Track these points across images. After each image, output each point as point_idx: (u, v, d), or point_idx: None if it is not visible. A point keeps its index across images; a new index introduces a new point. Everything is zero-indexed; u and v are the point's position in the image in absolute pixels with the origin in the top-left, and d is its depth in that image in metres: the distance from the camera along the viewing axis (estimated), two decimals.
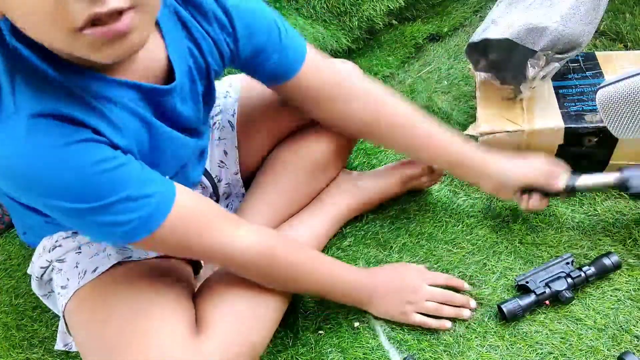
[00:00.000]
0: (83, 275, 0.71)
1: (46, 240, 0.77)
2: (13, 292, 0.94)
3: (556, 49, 0.88)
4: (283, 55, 0.74)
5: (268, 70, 0.75)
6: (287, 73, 0.76)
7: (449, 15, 1.41)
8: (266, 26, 0.72)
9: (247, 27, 0.71)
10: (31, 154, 0.52)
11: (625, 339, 0.75)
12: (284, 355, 0.79)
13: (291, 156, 0.88)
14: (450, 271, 0.86)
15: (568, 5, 0.88)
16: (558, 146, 0.91)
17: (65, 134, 0.53)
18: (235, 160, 0.88)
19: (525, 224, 0.92)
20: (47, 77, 0.53)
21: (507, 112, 0.94)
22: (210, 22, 0.68)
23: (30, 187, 0.55)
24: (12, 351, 0.85)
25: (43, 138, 0.52)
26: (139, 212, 0.58)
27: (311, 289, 0.79)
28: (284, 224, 0.87)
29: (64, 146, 0.53)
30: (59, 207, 0.56)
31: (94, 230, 0.60)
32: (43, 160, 0.53)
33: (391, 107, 0.83)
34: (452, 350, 0.77)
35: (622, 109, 0.72)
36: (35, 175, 0.53)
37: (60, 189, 0.55)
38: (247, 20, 0.70)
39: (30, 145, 0.52)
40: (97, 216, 0.57)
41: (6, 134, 0.52)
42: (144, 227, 0.59)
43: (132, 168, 0.59)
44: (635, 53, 1.01)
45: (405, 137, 0.84)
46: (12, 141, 0.52)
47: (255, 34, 0.72)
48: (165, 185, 0.62)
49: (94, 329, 0.68)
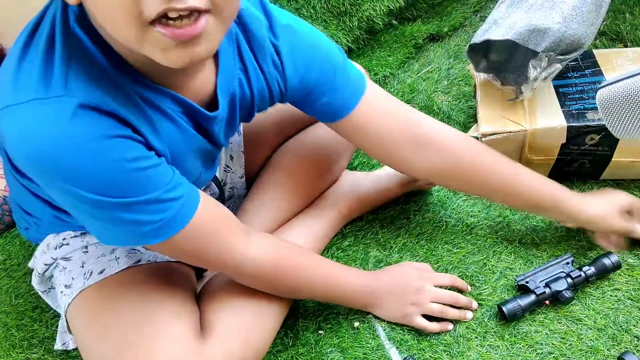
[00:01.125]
0: (89, 275, 0.71)
1: (51, 237, 0.76)
2: (13, 292, 0.94)
3: (558, 50, 0.88)
4: (333, 97, 0.72)
5: (316, 110, 0.74)
6: (335, 115, 0.74)
7: (449, 15, 1.41)
8: (318, 68, 0.70)
9: (297, 69, 0.69)
10: (70, 140, 0.51)
11: (625, 339, 0.75)
12: (284, 355, 0.79)
13: (294, 158, 0.88)
14: (450, 271, 0.86)
15: (570, 7, 0.88)
16: (561, 145, 0.91)
17: (106, 127, 0.53)
18: (241, 165, 0.88)
19: (525, 224, 0.92)
20: (103, 69, 0.53)
21: (509, 113, 0.94)
22: (266, 58, 0.67)
23: (59, 172, 0.53)
24: (12, 351, 0.85)
25: (84, 127, 0.52)
26: (163, 214, 0.58)
27: (316, 296, 0.79)
28: (285, 225, 0.87)
29: (102, 138, 0.52)
30: (83, 198, 0.54)
31: (112, 226, 0.58)
32: (80, 148, 0.52)
33: (470, 155, 0.79)
34: (452, 350, 0.77)
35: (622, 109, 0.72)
36: (68, 161, 0.52)
37: (91, 179, 0.53)
38: (298, 62, 0.68)
39: (71, 132, 0.51)
40: (121, 212, 0.56)
41: (48, 115, 0.51)
42: (165, 229, 0.59)
43: (164, 170, 0.59)
44: (634, 50, 1.01)
45: (489, 185, 0.80)
46: (53, 124, 0.51)
47: (305, 77, 0.70)
48: (190, 191, 0.62)
49: (98, 330, 0.68)
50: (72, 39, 0.53)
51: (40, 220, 0.75)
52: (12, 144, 0.53)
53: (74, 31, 0.53)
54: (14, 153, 0.54)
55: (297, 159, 0.88)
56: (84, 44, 0.53)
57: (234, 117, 0.69)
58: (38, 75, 0.51)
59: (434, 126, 0.79)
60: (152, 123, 0.58)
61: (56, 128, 0.51)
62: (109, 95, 0.53)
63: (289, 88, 0.70)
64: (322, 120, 0.76)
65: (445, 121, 1.13)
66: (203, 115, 0.63)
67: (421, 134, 0.77)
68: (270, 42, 0.66)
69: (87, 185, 0.54)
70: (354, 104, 0.73)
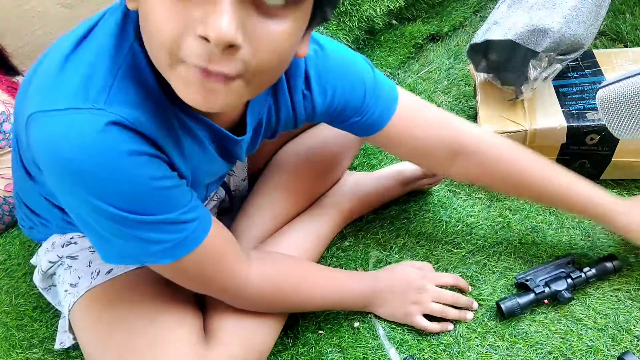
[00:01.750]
0: (96, 275, 0.71)
1: (57, 236, 0.76)
2: (13, 292, 0.94)
3: (558, 51, 0.88)
4: (364, 116, 0.72)
5: (348, 127, 0.74)
6: (368, 131, 0.74)
7: (449, 15, 1.41)
8: (348, 91, 0.69)
9: (325, 94, 0.68)
10: (96, 151, 0.50)
11: (625, 339, 0.75)
12: (284, 355, 0.79)
13: (296, 158, 0.88)
14: (450, 271, 0.86)
15: (570, 7, 0.88)
16: (561, 145, 0.91)
17: (132, 143, 0.52)
18: (244, 168, 0.89)
19: (525, 224, 0.92)
20: (147, 86, 0.53)
21: (509, 113, 0.94)
22: (297, 85, 0.66)
23: (82, 182, 0.52)
24: (12, 351, 0.85)
25: (111, 142, 0.51)
26: (177, 234, 0.58)
27: (319, 308, 0.80)
28: (286, 226, 0.87)
29: (128, 154, 0.52)
30: (100, 210, 0.53)
31: (120, 242, 0.57)
32: (106, 161, 0.51)
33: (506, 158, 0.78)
34: (452, 350, 0.77)
35: (622, 109, 0.72)
36: (93, 172, 0.51)
37: (113, 193, 0.53)
38: (327, 87, 0.68)
39: (98, 144, 0.50)
40: (136, 229, 0.55)
41: (80, 125, 0.50)
42: (175, 250, 0.59)
43: (184, 192, 0.59)
44: (633, 50, 1.01)
45: (534, 190, 0.79)
46: (83, 134, 0.50)
47: (334, 101, 0.69)
48: (204, 214, 0.62)
49: (103, 331, 0.68)
50: (127, 53, 0.52)
51: (49, 221, 0.75)
52: (39, 148, 0.52)
53: (131, 45, 0.52)
54: (39, 156, 0.54)
55: (299, 159, 0.88)
56: (138, 60, 0.52)
57: (257, 139, 0.70)
58: (79, 84, 0.50)
59: (468, 130, 0.78)
60: (181, 145, 0.58)
61: (84, 138, 0.50)
62: (146, 115, 0.53)
63: (317, 113, 0.70)
64: (356, 134, 0.76)
65: None
66: (230, 139, 0.63)
67: (455, 141, 0.76)
68: (304, 70, 0.65)
69: (108, 198, 0.53)
70: (386, 120, 0.73)
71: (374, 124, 0.73)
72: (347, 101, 0.70)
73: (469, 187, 0.99)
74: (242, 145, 0.66)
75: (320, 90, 0.67)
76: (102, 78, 0.51)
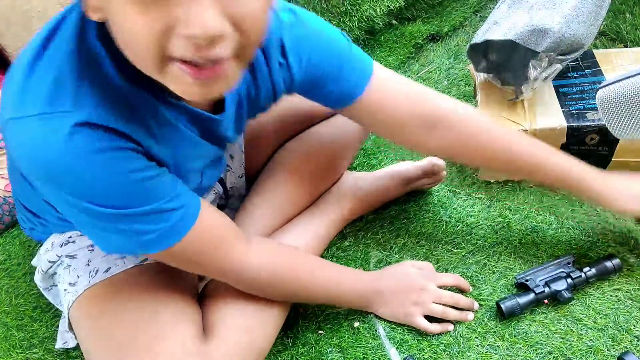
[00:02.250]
0: (94, 274, 0.72)
1: (56, 235, 0.77)
2: (13, 292, 0.94)
3: (558, 51, 0.88)
4: (339, 85, 0.71)
5: (323, 98, 0.74)
6: (343, 101, 0.73)
7: (449, 15, 1.41)
8: (324, 60, 0.69)
9: (301, 63, 0.68)
10: (69, 153, 0.52)
11: (625, 339, 0.75)
12: (284, 355, 0.79)
13: (296, 157, 0.88)
14: (450, 271, 0.86)
15: (570, 7, 0.88)
16: (561, 145, 0.91)
17: (104, 140, 0.53)
18: (241, 164, 0.88)
19: (525, 224, 0.92)
20: (114, 85, 0.53)
21: (509, 113, 0.94)
22: (272, 55, 0.66)
23: (61, 185, 0.54)
24: (12, 351, 0.85)
25: (83, 141, 0.52)
26: (164, 223, 0.59)
27: (317, 300, 0.80)
28: (286, 225, 0.87)
29: (101, 151, 0.53)
30: (83, 209, 0.55)
31: (112, 235, 0.59)
32: (79, 161, 0.52)
33: (482, 131, 0.77)
34: (452, 350, 0.77)
35: (622, 108, 0.72)
36: (70, 174, 0.53)
37: (91, 191, 0.54)
38: (303, 56, 0.68)
39: (70, 145, 0.52)
40: (122, 223, 0.57)
41: (50, 129, 0.51)
42: (166, 238, 0.60)
43: (165, 180, 0.59)
44: (633, 50, 1.01)
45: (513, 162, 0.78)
46: (54, 138, 0.51)
47: (310, 70, 0.69)
48: (191, 200, 0.62)
49: (102, 329, 0.68)
50: (88, 52, 0.53)
51: (47, 221, 0.76)
52: (18, 155, 0.54)
53: (93, 47, 0.53)
54: (19, 163, 0.56)
55: (299, 158, 0.88)
56: (100, 60, 0.53)
57: (242, 116, 0.70)
58: (47, 90, 0.51)
59: (444, 103, 0.77)
60: (155, 134, 0.58)
61: (56, 142, 0.51)
62: (114, 110, 0.53)
63: (295, 82, 0.70)
64: (330, 107, 0.76)
65: None
66: (208, 119, 0.63)
67: (431, 113, 0.75)
68: (278, 39, 0.66)
69: (87, 196, 0.55)
70: (361, 89, 0.72)
71: (349, 93, 0.72)
72: (323, 69, 0.70)
73: (469, 187, 0.99)
74: (226, 125, 0.66)
75: (296, 59, 0.68)
76: (68, 82, 0.52)
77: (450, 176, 1.01)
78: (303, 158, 0.88)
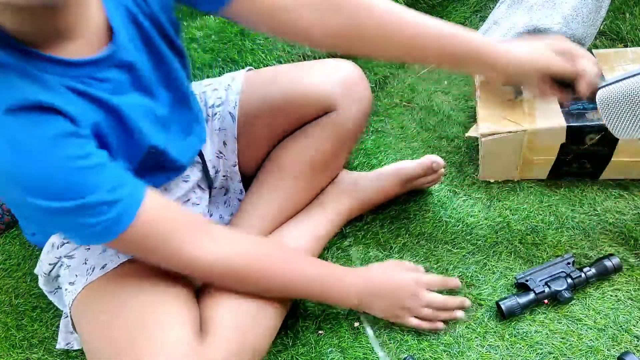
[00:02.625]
0: (91, 271, 0.72)
1: (54, 237, 0.77)
2: (13, 292, 0.94)
3: None
4: None
5: None
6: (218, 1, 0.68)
7: (449, 15, 1.41)
8: None
9: None
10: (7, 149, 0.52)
11: (625, 339, 0.75)
12: (284, 355, 0.79)
13: (291, 157, 0.88)
14: (450, 271, 0.86)
15: (570, 7, 0.88)
16: (560, 145, 0.91)
17: (37, 125, 0.53)
18: (234, 151, 0.87)
19: (525, 224, 0.92)
20: (2, 64, 0.53)
21: (508, 113, 0.94)
22: None
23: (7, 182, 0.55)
24: (12, 351, 0.85)
25: (17, 133, 0.52)
26: (107, 214, 0.59)
27: (300, 295, 0.79)
28: (284, 225, 0.87)
29: (39, 140, 0.53)
30: (32, 205, 0.56)
31: (65, 229, 0.61)
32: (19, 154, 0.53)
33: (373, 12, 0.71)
34: (452, 350, 0.77)
35: (622, 108, 0.72)
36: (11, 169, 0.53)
37: (35, 185, 0.55)
38: None
39: (5, 141, 0.52)
40: (67, 216, 0.57)
41: None
42: (111, 230, 0.60)
43: (106, 169, 0.59)
44: (633, 50, 1.01)
45: (395, 39, 0.72)
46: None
47: None
48: (135, 189, 0.62)
49: (100, 328, 0.68)
50: None
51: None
52: None
53: None
54: None
55: (294, 157, 0.88)
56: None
57: (147, 33, 0.66)
58: None
59: None
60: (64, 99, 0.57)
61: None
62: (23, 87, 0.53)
63: None
64: (209, 9, 0.70)
65: (445, 121, 1.13)
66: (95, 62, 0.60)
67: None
68: None
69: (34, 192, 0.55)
70: None
71: None
72: None
73: (469, 187, 0.99)
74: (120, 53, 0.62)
75: None
76: None
77: (450, 176, 1.02)
78: (299, 157, 0.87)
